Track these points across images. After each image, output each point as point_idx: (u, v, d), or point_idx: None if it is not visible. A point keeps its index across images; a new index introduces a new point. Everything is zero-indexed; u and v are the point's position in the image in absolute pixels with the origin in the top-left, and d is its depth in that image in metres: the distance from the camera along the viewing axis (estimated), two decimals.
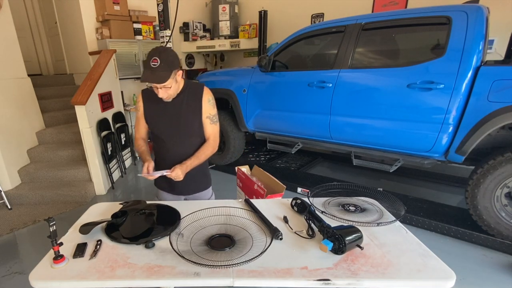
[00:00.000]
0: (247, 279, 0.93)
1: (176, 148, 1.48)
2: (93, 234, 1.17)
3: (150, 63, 1.28)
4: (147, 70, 1.30)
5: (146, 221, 1.28)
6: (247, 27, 5.06)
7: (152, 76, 1.28)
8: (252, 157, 4.23)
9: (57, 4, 4.61)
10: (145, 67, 1.32)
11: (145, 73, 1.30)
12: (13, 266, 2.11)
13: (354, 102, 2.61)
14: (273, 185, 1.92)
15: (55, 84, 4.60)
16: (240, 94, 3.38)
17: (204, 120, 1.48)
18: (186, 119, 1.44)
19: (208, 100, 1.48)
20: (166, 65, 1.29)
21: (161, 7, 3.32)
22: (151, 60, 1.28)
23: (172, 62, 1.31)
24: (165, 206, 1.39)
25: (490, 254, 2.14)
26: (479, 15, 2.09)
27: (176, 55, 1.36)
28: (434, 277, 0.94)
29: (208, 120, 1.49)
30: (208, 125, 1.49)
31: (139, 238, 1.13)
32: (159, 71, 1.28)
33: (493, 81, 2.00)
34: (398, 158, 2.55)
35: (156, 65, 1.27)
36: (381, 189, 1.46)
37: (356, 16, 2.68)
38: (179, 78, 1.38)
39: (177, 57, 1.36)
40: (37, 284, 0.94)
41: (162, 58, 1.27)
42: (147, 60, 1.31)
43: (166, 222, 1.25)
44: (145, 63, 1.32)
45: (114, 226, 1.22)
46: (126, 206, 1.34)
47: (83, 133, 3.11)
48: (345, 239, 1.00)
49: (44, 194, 3.06)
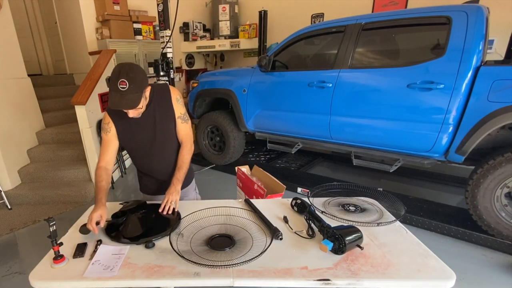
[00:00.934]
0: (247, 279, 0.93)
1: (157, 157, 1.44)
2: (93, 234, 1.17)
3: (118, 85, 1.14)
4: (115, 94, 1.16)
5: (147, 221, 1.28)
6: (247, 27, 5.06)
7: (122, 102, 1.17)
8: (252, 157, 4.23)
9: (57, 4, 4.61)
10: (112, 89, 1.16)
11: (114, 98, 1.17)
12: (13, 266, 2.11)
13: (354, 102, 2.61)
14: (273, 185, 1.92)
15: (55, 84, 4.60)
16: (240, 94, 3.38)
17: (176, 120, 1.42)
18: (161, 126, 1.38)
19: (177, 99, 1.40)
20: (136, 86, 1.17)
21: (161, 7, 3.32)
22: (118, 82, 1.14)
23: (141, 81, 1.20)
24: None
25: (490, 254, 2.14)
26: (479, 15, 2.09)
27: (143, 71, 1.25)
28: (434, 277, 0.94)
29: (180, 120, 1.42)
30: (179, 125, 1.43)
31: (139, 238, 1.14)
32: (128, 95, 1.16)
33: (493, 81, 2.00)
34: (398, 158, 2.55)
35: (125, 88, 1.14)
36: (381, 189, 1.46)
37: (356, 16, 2.68)
38: (147, 93, 1.28)
39: (145, 73, 1.25)
40: (37, 284, 0.94)
41: (130, 79, 1.15)
42: (112, 80, 1.16)
43: (166, 222, 1.25)
44: (112, 85, 1.16)
45: (115, 226, 1.22)
46: (126, 206, 1.34)
47: (83, 133, 3.11)
48: (345, 239, 1.00)
49: (44, 194, 3.06)
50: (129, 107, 1.20)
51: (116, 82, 1.14)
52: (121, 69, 1.16)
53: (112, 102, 1.18)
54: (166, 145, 1.44)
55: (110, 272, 0.96)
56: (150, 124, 1.37)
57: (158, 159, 1.45)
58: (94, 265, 0.99)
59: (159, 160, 1.45)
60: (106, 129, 1.36)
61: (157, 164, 1.47)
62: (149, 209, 1.36)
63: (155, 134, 1.39)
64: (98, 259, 1.02)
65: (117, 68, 1.18)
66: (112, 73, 1.18)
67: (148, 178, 1.55)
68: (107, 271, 0.96)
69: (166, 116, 1.39)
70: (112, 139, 1.38)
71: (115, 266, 0.99)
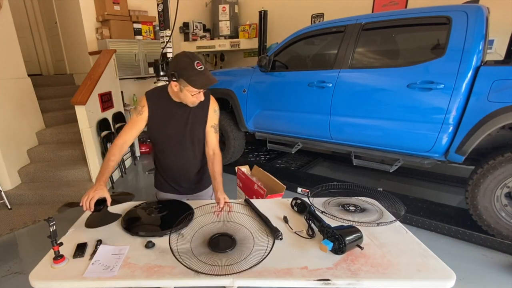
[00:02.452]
0: (247, 279, 0.93)
1: (179, 154, 1.46)
2: (93, 234, 1.17)
3: (196, 67, 1.22)
4: (198, 75, 1.22)
5: (160, 217, 1.30)
6: (247, 27, 5.06)
7: (210, 78, 1.25)
8: (252, 157, 4.23)
9: (57, 4, 4.61)
10: (192, 73, 1.22)
11: (200, 79, 1.23)
12: (13, 266, 2.11)
13: (354, 102, 2.61)
14: (273, 185, 1.92)
15: (55, 84, 4.60)
16: (240, 94, 3.38)
17: (209, 129, 1.46)
18: (192, 127, 1.42)
19: (214, 110, 1.46)
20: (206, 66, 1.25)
21: (161, 7, 3.32)
22: (195, 64, 1.21)
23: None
24: (179, 202, 1.43)
25: (490, 254, 2.14)
26: (479, 15, 2.09)
27: None
28: (434, 277, 0.94)
29: (213, 130, 1.47)
30: (212, 134, 1.47)
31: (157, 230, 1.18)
32: (208, 72, 1.25)
33: (493, 81, 2.00)
34: (398, 158, 2.55)
35: (202, 67, 1.23)
36: (381, 189, 1.46)
37: (356, 16, 2.68)
38: None
39: None
40: (37, 284, 0.94)
41: (201, 60, 1.24)
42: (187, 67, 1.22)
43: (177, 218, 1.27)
44: (189, 70, 1.22)
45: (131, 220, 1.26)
46: (115, 195, 1.34)
47: (83, 133, 3.11)
48: (345, 239, 1.00)
49: (44, 194, 3.05)
50: (215, 81, 1.27)
51: (193, 66, 1.21)
52: (188, 55, 1.24)
53: (201, 83, 1.24)
54: (190, 146, 1.45)
55: (110, 272, 0.96)
56: (183, 122, 1.40)
57: (179, 156, 1.46)
58: (94, 265, 0.99)
59: (180, 157, 1.46)
60: (139, 111, 1.39)
61: (177, 161, 1.47)
62: (162, 205, 1.38)
63: (184, 132, 1.41)
64: (98, 259, 1.02)
65: (183, 57, 1.24)
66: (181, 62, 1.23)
67: (164, 175, 1.55)
68: (107, 271, 0.96)
69: (199, 120, 1.42)
70: (140, 122, 1.39)
71: (115, 266, 0.99)
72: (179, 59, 1.25)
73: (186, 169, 1.50)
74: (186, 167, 1.49)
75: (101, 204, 1.22)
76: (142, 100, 1.41)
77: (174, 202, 1.43)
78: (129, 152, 4.17)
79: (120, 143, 1.37)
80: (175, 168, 1.50)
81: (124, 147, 1.39)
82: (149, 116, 1.39)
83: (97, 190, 1.19)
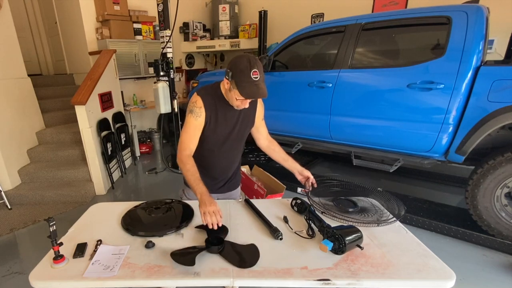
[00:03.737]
0: (247, 279, 0.93)
1: (224, 153, 1.45)
2: (93, 234, 1.17)
3: (252, 76, 1.18)
4: (250, 84, 1.19)
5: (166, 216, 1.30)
6: (247, 27, 5.06)
7: (259, 91, 1.20)
8: (252, 157, 4.22)
9: (57, 4, 4.61)
10: (246, 80, 1.18)
11: (250, 88, 1.19)
12: (13, 266, 2.11)
13: (354, 102, 2.61)
14: (273, 185, 1.92)
15: (55, 84, 4.60)
16: None
17: (260, 122, 1.50)
18: (240, 128, 1.43)
19: (262, 104, 1.49)
20: (262, 76, 1.21)
21: (161, 7, 3.32)
22: (251, 72, 1.17)
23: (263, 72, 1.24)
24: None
25: (490, 254, 2.14)
26: (479, 15, 2.09)
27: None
28: (434, 277, 0.94)
29: (263, 122, 1.52)
30: (263, 126, 1.53)
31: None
32: (261, 84, 1.21)
33: (493, 81, 2.00)
34: (398, 158, 2.55)
35: (257, 78, 1.19)
36: (381, 189, 1.46)
37: (356, 16, 2.68)
38: None
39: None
40: (37, 284, 0.94)
41: (260, 70, 1.20)
42: (244, 71, 1.18)
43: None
44: (244, 76, 1.18)
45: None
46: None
47: (83, 133, 3.11)
48: (345, 239, 1.00)
49: (44, 194, 3.05)
50: (264, 96, 1.23)
51: (249, 73, 1.17)
52: (250, 60, 1.19)
53: (249, 92, 1.20)
54: (236, 146, 1.47)
55: (110, 272, 0.96)
56: (233, 122, 1.40)
57: (226, 155, 1.47)
58: (94, 265, 0.99)
59: (224, 156, 1.47)
60: (197, 113, 1.30)
61: (223, 160, 1.48)
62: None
63: (233, 132, 1.41)
64: (98, 259, 1.02)
65: (244, 59, 1.19)
66: (240, 64, 1.19)
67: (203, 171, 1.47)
68: (107, 271, 0.96)
69: (247, 121, 1.44)
70: (200, 124, 1.33)
71: (115, 266, 0.98)
72: (240, 60, 1.21)
73: (229, 167, 1.52)
74: (229, 165, 1.51)
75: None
76: (198, 100, 1.32)
77: (174, 202, 1.43)
78: (129, 152, 4.17)
79: (188, 154, 1.32)
80: (219, 166, 1.49)
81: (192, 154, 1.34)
82: (206, 117, 1.33)
83: (213, 203, 1.14)
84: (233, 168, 1.54)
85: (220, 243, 1.06)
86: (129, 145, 4.14)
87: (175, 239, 1.14)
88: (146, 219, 1.28)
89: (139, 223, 1.26)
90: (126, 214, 1.31)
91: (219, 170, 1.50)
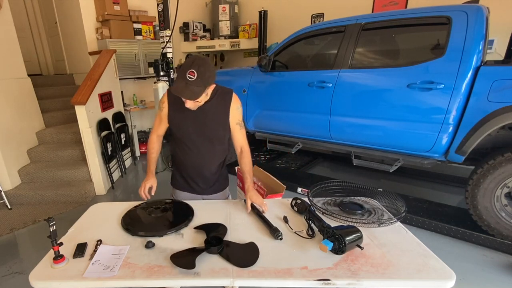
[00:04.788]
0: (247, 279, 0.93)
1: (198, 153, 1.46)
2: (93, 234, 1.17)
3: (186, 74, 1.18)
4: (181, 81, 1.20)
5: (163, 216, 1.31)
6: (247, 27, 5.06)
7: (185, 91, 1.20)
8: (252, 157, 4.22)
9: (57, 4, 4.61)
10: (180, 76, 1.21)
11: (178, 85, 1.21)
12: (13, 266, 2.11)
13: (354, 102, 2.61)
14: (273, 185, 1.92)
15: (55, 84, 4.60)
16: (240, 94, 3.37)
17: (234, 127, 1.46)
18: (211, 127, 1.41)
19: (237, 107, 1.45)
20: (202, 81, 1.20)
21: (161, 7, 3.32)
22: (187, 71, 1.18)
23: (208, 78, 1.22)
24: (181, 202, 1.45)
25: (490, 254, 2.14)
26: (479, 15, 2.09)
27: (214, 69, 1.28)
28: (434, 277, 0.94)
29: (238, 127, 1.47)
30: (238, 131, 1.48)
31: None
32: (193, 86, 1.19)
33: (493, 81, 1.99)
34: (398, 158, 2.55)
35: (192, 78, 1.18)
36: (381, 190, 1.46)
37: (356, 16, 2.68)
38: (210, 91, 1.31)
39: (214, 72, 1.28)
40: (37, 284, 0.94)
41: (200, 72, 1.18)
42: (183, 68, 1.20)
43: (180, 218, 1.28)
44: (181, 72, 1.21)
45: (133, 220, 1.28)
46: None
47: (83, 133, 3.11)
48: (345, 239, 1.00)
49: (44, 194, 3.05)
50: (189, 97, 1.24)
51: (186, 71, 1.19)
52: (195, 60, 1.21)
53: (176, 88, 1.23)
54: (208, 145, 1.45)
55: (110, 272, 0.96)
56: (201, 120, 1.39)
57: (197, 154, 1.46)
58: (94, 265, 0.99)
59: (197, 155, 1.46)
60: (160, 107, 1.45)
61: (195, 159, 1.47)
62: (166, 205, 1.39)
63: (203, 131, 1.41)
64: (98, 259, 1.02)
65: (191, 59, 1.22)
66: (185, 62, 1.23)
67: (181, 171, 1.55)
68: (107, 271, 0.96)
69: (218, 119, 1.41)
70: (164, 117, 1.45)
71: (115, 266, 0.99)
72: (189, 59, 1.23)
73: (204, 167, 1.50)
74: (203, 165, 1.49)
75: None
76: (164, 96, 1.45)
77: (175, 202, 1.43)
78: (129, 152, 4.17)
79: (154, 137, 1.53)
80: (193, 165, 1.49)
81: (160, 135, 1.53)
82: (168, 112, 1.43)
83: (148, 180, 1.45)
84: (210, 170, 1.51)
85: (219, 243, 1.06)
86: (129, 145, 4.14)
87: (175, 239, 1.14)
88: (146, 219, 1.28)
89: (139, 223, 1.26)
90: (126, 214, 1.31)
91: (193, 169, 1.50)
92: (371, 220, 1.25)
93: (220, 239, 1.08)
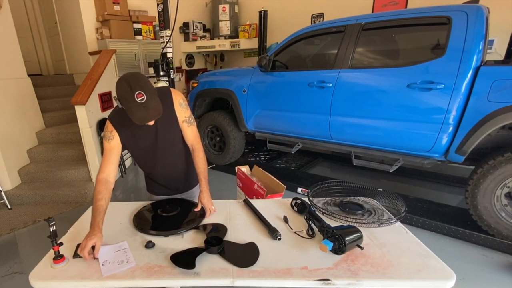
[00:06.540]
0: (247, 279, 0.93)
1: (161, 162, 1.42)
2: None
3: (136, 100, 1.07)
4: (137, 108, 1.09)
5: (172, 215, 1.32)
6: (247, 27, 5.06)
7: (150, 113, 1.12)
8: (252, 157, 4.23)
9: (57, 4, 4.61)
10: (132, 105, 1.08)
11: (139, 113, 1.10)
12: (13, 266, 2.11)
13: (354, 102, 2.61)
14: (273, 185, 1.92)
15: (55, 84, 4.60)
16: (240, 94, 3.38)
17: (182, 125, 1.37)
18: (164, 133, 1.35)
19: (180, 104, 1.35)
20: (151, 93, 1.10)
21: (161, 7, 3.32)
22: (135, 96, 1.07)
23: (151, 87, 1.12)
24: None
25: (490, 254, 2.14)
26: (479, 15, 2.09)
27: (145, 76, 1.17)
28: (434, 277, 0.94)
29: (185, 124, 1.37)
30: (186, 129, 1.38)
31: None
32: (150, 104, 1.10)
33: (493, 81, 1.99)
34: (398, 158, 2.55)
35: (143, 99, 1.08)
36: (381, 190, 1.46)
37: (356, 16, 2.68)
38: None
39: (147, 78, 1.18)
40: (37, 284, 0.94)
41: (143, 88, 1.08)
42: (126, 97, 1.08)
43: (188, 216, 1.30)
44: (128, 101, 1.08)
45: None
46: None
47: (83, 133, 3.11)
48: (345, 239, 1.00)
49: (44, 194, 3.05)
50: (157, 116, 1.15)
51: (132, 97, 1.07)
52: (129, 82, 1.08)
53: (140, 117, 1.12)
54: (169, 151, 1.41)
55: (127, 264, 0.98)
56: (152, 131, 1.32)
57: (162, 164, 1.43)
58: (105, 266, 0.99)
59: (163, 165, 1.44)
60: (109, 137, 1.28)
61: (161, 169, 1.46)
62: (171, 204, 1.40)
63: (157, 141, 1.35)
64: (106, 259, 1.02)
65: (123, 83, 1.09)
66: (121, 90, 1.09)
67: (154, 180, 1.55)
68: (124, 264, 0.98)
69: (168, 122, 1.33)
70: (115, 147, 1.29)
71: (128, 258, 1.01)
72: (120, 86, 1.10)
73: (171, 172, 1.48)
74: (171, 171, 1.48)
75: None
76: (108, 125, 1.29)
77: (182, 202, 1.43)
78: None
79: (103, 178, 1.25)
80: (161, 174, 1.49)
81: (110, 179, 1.26)
82: (121, 138, 1.30)
83: (91, 237, 1.04)
84: (180, 173, 1.50)
85: (219, 243, 1.06)
86: None
87: (175, 239, 1.14)
88: (158, 219, 1.29)
89: (148, 223, 1.26)
90: (137, 214, 1.32)
91: (163, 179, 1.50)
92: (371, 220, 1.25)
93: (220, 239, 1.08)
